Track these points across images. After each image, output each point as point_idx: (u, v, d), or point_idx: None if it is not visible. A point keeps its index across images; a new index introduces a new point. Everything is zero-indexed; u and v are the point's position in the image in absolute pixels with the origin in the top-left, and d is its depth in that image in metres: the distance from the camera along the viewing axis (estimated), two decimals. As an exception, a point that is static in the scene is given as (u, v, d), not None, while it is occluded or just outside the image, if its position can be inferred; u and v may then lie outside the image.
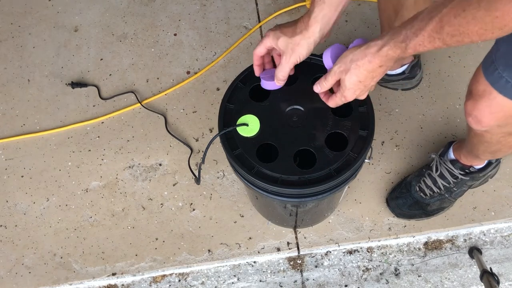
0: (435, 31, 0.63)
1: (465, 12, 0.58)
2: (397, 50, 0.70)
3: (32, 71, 1.53)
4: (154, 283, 1.26)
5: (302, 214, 1.12)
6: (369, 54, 0.73)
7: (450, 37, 0.62)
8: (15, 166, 1.38)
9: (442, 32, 0.62)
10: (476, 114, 0.79)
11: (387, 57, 0.72)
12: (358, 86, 0.78)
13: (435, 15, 0.62)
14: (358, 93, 0.79)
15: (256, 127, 0.90)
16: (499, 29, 0.57)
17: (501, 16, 0.55)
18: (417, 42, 0.66)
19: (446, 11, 0.61)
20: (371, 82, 0.77)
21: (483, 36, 0.59)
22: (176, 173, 1.34)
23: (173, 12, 1.60)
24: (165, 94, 1.45)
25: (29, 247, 1.28)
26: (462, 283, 1.23)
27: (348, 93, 0.79)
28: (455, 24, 0.60)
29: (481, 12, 0.57)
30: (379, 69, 0.74)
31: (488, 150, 0.96)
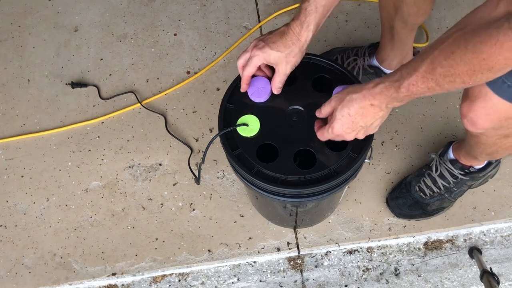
0: (428, 72, 0.66)
1: (454, 55, 0.61)
2: (391, 89, 0.71)
3: (32, 71, 1.53)
4: (154, 283, 1.26)
5: (302, 214, 1.12)
6: (364, 89, 0.75)
7: (443, 77, 0.64)
8: (15, 166, 1.38)
9: (435, 73, 0.65)
10: (471, 116, 0.78)
11: (380, 94, 0.73)
12: (346, 120, 0.78)
13: (427, 56, 0.65)
14: (345, 128, 0.80)
15: (256, 127, 0.90)
16: (487, 70, 0.59)
17: (487, 58, 0.58)
18: (411, 81, 0.68)
19: (437, 53, 0.64)
20: (360, 120, 0.78)
21: (473, 76, 0.61)
22: (176, 173, 1.34)
23: (173, 12, 1.60)
24: (165, 94, 1.45)
25: (29, 247, 1.28)
26: (462, 283, 1.23)
27: (336, 125, 0.80)
28: (446, 66, 0.63)
29: (468, 55, 0.59)
30: (371, 108, 0.75)
31: (485, 151, 0.96)
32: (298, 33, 0.82)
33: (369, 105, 0.75)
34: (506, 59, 0.57)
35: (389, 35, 1.18)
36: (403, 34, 1.15)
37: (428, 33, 1.47)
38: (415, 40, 1.32)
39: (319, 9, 0.80)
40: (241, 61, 0.88)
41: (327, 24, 1.52)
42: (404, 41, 1.19)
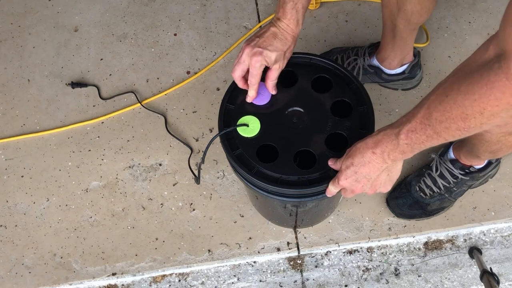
0: (425, 118, 0.65)
1: (447, 98, 0.61)
2: (391, 136, 0.71)
3: (32, 71, 1.53)
4: (154, 283, 1.26)
5: (302, 214, 1.12)
6: (368, 138, 0.75)
7: (439, 123, 0.64)
8: (15, 166, 1.38)
9: (431, 118, 0.65)
10: None
11: (381, 142, 0.72)
12: (350, 171, 0.77)
13: (425, 102, 0.66)
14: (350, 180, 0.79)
15: (257, 128, 0.90)
16: (479, 113, 0.59)
17: (478, 99, 0.57)
18: (409, 128, 0.68)
19: (433, 98, 0.64)
20: (363, 171, 0.76)
21: (466, 121, 0.60)
22: (176, 173, 1.34)
23: (173, 12, 1.60)
24: (165, 94, 1.45)
25: (29, 247, 1.28)
26: (462, 283, 1.23)
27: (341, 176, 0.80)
28: (441, 110, 0.63)
29: (460, 96, 0.59)
30: (373, 157, 0.74)
31: (489, 149, 0.96)
32: (292, 30, 0.85)
33: (371, 153, 0.74)
34: (497, 99, 0.56)
35: (391, 34, 1.18)
36: (405, 33, 1.15)
37: (428, 33, 1.47)
38: (415, 41, 1.32)
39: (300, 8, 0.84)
40: (239, 73, 0.88)
41: (327, 24, 1.52)
42: (405, 40, 1.19)
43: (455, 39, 1.47)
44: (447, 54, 1.45)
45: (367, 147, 0.75)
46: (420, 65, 1.34)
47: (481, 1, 1.54)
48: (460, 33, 1.48)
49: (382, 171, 0.77)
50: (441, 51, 1.45)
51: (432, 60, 1.44)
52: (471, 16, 1.51)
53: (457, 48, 1.46)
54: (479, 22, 1.50)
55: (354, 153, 0.77)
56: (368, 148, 0.74)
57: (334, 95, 0.93)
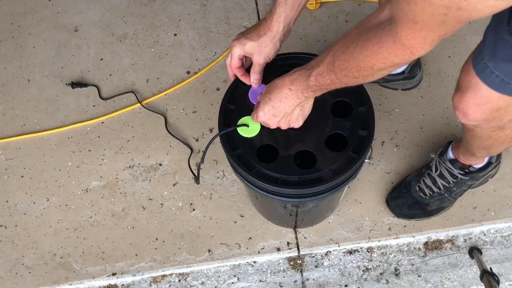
0: (330, 64, 0.71)
1: (348, 49, 0.68)
2: (304, 76, 0.77)
3: (32, 71, 1.53)
4: (154, 283, 1.26)
5: (302, 214, 1.12)
6: (284, 76, 0.80)
7: (340, 70, 0.70)
8: (15, 166, 1.38)
9: (334, 65, 0.71)
10: (462, 107, 0.79)
11: (296, 80, 0.78)
12: (268, 106, 0.83)
13: (332, 49, 0.72)
14: (268, 115, 0.84)
15: (257, 128, 0.90)
16: (370, 67, 0.66)
17: (370, 55, 0.64)
18: (318, 71, 0.74)
19: (338, 46, 0.70)
20: (279, 106, 0.82)
21: (360, 72, 0.68)
22: (176, 173, 1.34)
23: (173, 12, 1.60)
24: (165, 94, 1.45)
25: (29, 247, 1.28)
26: (462, 283, 1.23)
27: (259, 111, 0.85)
28: (342, 59, 0.69)
29: (357, 50, 0.66)
30: (289, 94, 0.80)
31: (481, 145, 0.96)
32: (269, 24, 0.86)
33: (288, 90, 0.80)
34: (384, 58, 0.63)
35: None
36: None
37: (428, 33, 1.46)
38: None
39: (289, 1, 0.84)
40: (228, 59, 0.92)
41: (327, 24, 1.52)
42: None
43: (455, 39, 1.47)
44: (447, 54, 1.45)
45: (284, 84, 0.80)
46: (420, 65, 1.34)
47: (481, 1, 1.53)
48: (460, 33, 1.48)
49: (296, 106, 0.82)
50: (441, 51, 1.45)
51: (432, 60, 1.44)
52: (471, 16, 1.51)
53: (457, 48, 1.46)
54: (479, 22, 1.50)
55: (272, 89, 0.82)
56: (285, 85, 0.80)
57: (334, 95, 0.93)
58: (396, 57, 0.62)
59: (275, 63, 0.96)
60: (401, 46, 0.60)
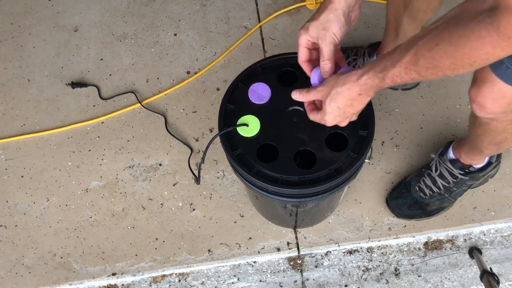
0: (411, 63, 0.65)
1: (437, 47, 0.61)
2: (375, 80, 0.71)
3: (32, 71, 1.53)
4: (154, 283, 1.26)
5: (302, 214, 1.12)
6: (349, 82, 0.75)
7: (425, 69, 0.64)
8: (15, 166, 1.38)
9: (418, 64, 0.65)
10: (479, 100, 0.79)
11: (365, 86, 0.73)
12: (337, 112, 0.79)
13: (412, 47, 0.65)
14: (338, 119, 0.81)
15: (257, 128, 0.90)
16: (469, 65, 0.60)
17: (469, 52, 0.58)
18: (394, 73, 0.68)
19: (421, 44, 0.64)
20: (350, 110, 0.78)
21: (455, 70, 0.62)
22: (176, 173, 1.34)
23: (173, 12, 1.60)
24: (165, 94, 1.45)
25: (29, 247, 1.28)
26: (462, 283, 1.23)
27: (328, 118, 0.81)
28: (429, 58, 0.63)
29: (452, 48, 0.60)
30: (359, 98, 0.76)
31: (494, 140, 0.95)
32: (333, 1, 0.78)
33: (357, 95, 0.75)
34: (488, 54, 0.58)
35: (394, 33, 1.17)
36: (409, 31, 1.15)
37: (428, 33, 1.47)
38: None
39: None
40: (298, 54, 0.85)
41: (327, 24, 1.52)
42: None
43: (455, 39, 1.47)
44: (447, 54, 1.45)
45: (351, 91, 0.75)
46: (420, 65, 1.34)
47: (481, 1, 1.53)
48: (460, 33, 1.48)
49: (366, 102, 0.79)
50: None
51: (432, 60, 1.44)
52: (471, 16, 1.51)
53: (457, 48, 1.45)
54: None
55: (336, 97, 0.77)
56: (353, 92, 0.75)
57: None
58: (502, 51, 0.57)
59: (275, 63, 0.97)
60: (507, 39, 0.55)
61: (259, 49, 1.50)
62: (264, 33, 1.53)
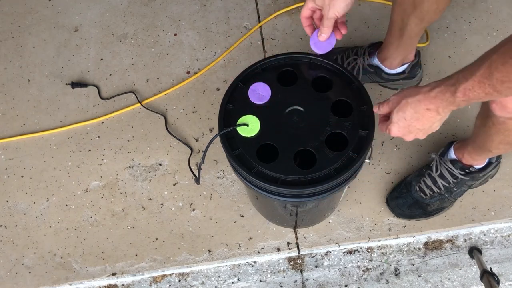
0: (484, 77, 0.64)
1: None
2: (447, 93, 0.70)
3: (32, 71, 1.53)
4: (154, 283, 1.26)
5: (302, 214, 1.12)
6: (420, 93, 0.74)
7: (500, 83, 0.63)
8: (15, 166, 1.38)
9: (492, 78, 0.63)
10: (501, 100, 0.78)
11: (435, 99, 0.72)
12: (403, 124, 0.78)
13: (485, 61, 0.64)
14: (403, 132, 0.80)
15: (256, 127, 0.90)
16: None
17: None
18: (467, 86, 0.67)
19: (495, 57, 0.62)
20: (416, 124, 0.77)
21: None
22: (176, 173, 1.34)
23: (173, 12, 1.60)
24: (165, 94, 1.45)
25: (29, 247, 1.28)
26: (462, 283, 1.23)
27: (393, 128, 0.81)
28: (503, 71, 0.61)
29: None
30: (427, 113, 0.74)
31: (506, 140, 0.94)
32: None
33: (425, 110, 0.74)
34: None
35: (398, 33, 1.17)
36: (415, 32, 1.14)
37: (429, 33, 1.47)
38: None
39: None
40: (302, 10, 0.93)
41: (327, 24, 1.52)
42: (412, 39, 1.18)
43: (455, 39, 1.47)
44: (447, 54, 1.45)
45: (420, 103, 0.74)
46: (420, 65, 1.34)
47: (481, 1, 1.53)
48: (460, 33, 1.48)
49: (435, 122, 0.77)
50: (441, 51, 1.45)
51: (432, 60, 1.44)
52: (471, 16, 1.51)
53: (457, 48, 1.46)
54: (479, 22, 1.50)
55: (404, 107, 0.76)
56: (421, 104, 0.74)
57: (334, 94, 0.93)
58: None
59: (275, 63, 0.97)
60: None
61: (259, 49, 1.50)
62: (264, 33, 1.53)
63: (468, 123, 1.34)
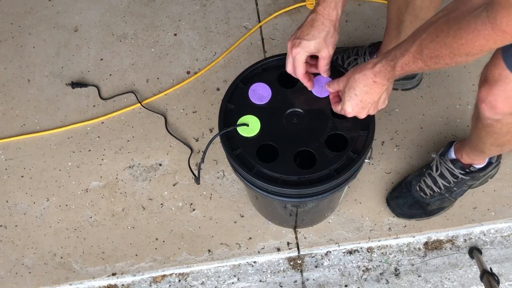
0: (417, 53, 0.72)
1: (438, 38, 0.67)
2: (388, 67, 0.77)
3: (32, 71, 1.53)
4: (154, 283, 1.26)
5: (302, 214, 1.12)
6: (365, 69, 0.80)
7: (429, 58, 0.70)
8: (15, 166, 1.38)
9: (422, 54, 0.71)
10: (490, 99, 0.79)
11: (380, 73, 0.78)
12: (355, 100, 0.83)
13: (417, 38, 0.71)
14: (357, 109, 0.84)
15: (257, 128, 0.90)
16: (465, 54, 0.66)
17: (465, 43, 0.64)
18: (404, 61, 0.74)
19: (424, 36, 0.70)
20: (367, 98, 0.82)
21: (453, 59, 0.68)
22: (176, 173, 1.34)
23: (173, 12, 1.60)
24: (165, 94, 1.45)
25: (29, 247, 1.28)
26: (462, 283, 1.23)
27: (347, 107, 0.85)
28: (431, 48, 0.69)
29: (449, 39, 0.65)
30: (374, 85, 0.80)
31: (496, 142, 0.95)
32: (328, 15, 0.86)
33: (372, 82, 0.80)
34: (482, 45, 0.63)
35: (395, 31, 1.17)
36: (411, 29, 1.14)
37: (428, 33, 1.47)
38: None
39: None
40: (289, 67, 0.91)
41: (327, 24, 1.52)
42: None
43: (455, 39, 1.47)
44: (447, 54, 1.45)
45: (367, 77, 0.80)
46: (420, 65, 1.34)
47: None
48: (460, 33, 1.48)
49: (383, 92, 0.83)
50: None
51: (432, 60, 1.44)
52: (471, 16, 1.51)
53: (457, 48, 1.45)
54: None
55: (354, 83, 0.81)
56: (368, 78, 0.80)
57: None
58: (495, 43, 0.62)
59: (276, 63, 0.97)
60: (501, 32, 0.59)
61: (259, 49, 1.50)
62: (264, 33, 1.53)
63: (468, 123, 1.34)
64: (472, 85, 1.38)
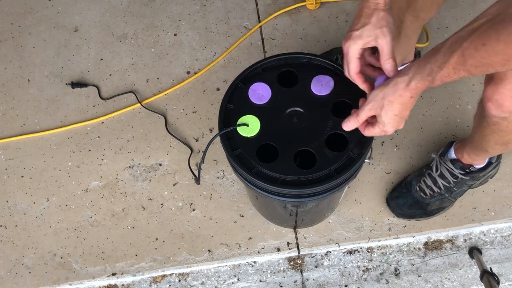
0: (459, 64, 0.67)
1: (485, 46, 0.62)
2: (425, 82, 0.73)
3: (32, 71, 1.53)
4: (154, 283, 1.26)
5: (302, 214, 1.12)
6: (399, 90, 0.75)
7: (474, 68, 0.65)
8: (15, 166, 1.38)
9: (466, 64, 0.66)
10: (497, 98, 0.79)
11: (416, 89, 0.74)
12: (395, 120, 0.79)
13: (457, 48, 0.66)
14: (397, 125, 0.81)
15: (256, 127, 0.90)
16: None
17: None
18: (443, 74, 0.70)
19: (466, 45, 0.65)
20: (405, 112, 0.79)
21: (506, 65, 0.63)
22: (176, 173, 1.34)
23: (173, 12, 1.60)
24: (165, 94, 1.45)
25: (29, 247, 1.28)
26: (462, 283, 1.23)
27: (388, 128, 0.81)
28: (477, 57, 0.64)
29: (501, 46, 0.61)
30: (411, 100, 0.77)
31: (501, 140, 0.94)
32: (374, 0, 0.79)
33: (409, 98, 0.76)
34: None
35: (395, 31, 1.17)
36: (411, 29, 1.14)
37: (429, 33, 1.47)
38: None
39: None
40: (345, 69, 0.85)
41: (327, 24, 1.52)
42: (410, 38, 1.18)
43: (455, 39, 1.47)
44: (447, 54, 1.45)
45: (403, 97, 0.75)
46: (420, 65, 1.34)
47: (481, 1, 1.53)
48: (460, 33, 1.48)
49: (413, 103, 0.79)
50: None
51: (432, 60, 1.44)
52: (471, 16, 1.50)
53: (457, 48, 1.45)
54: (479, 22, 1.50)
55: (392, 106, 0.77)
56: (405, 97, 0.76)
57: (334, 95, 0.93)
58: None
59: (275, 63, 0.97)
60: None
61: (259, 49, 1.50)
62: (264, 33, 1.53)
63: (468, 123, 1.34)
64: (472, 85, 1.38)
